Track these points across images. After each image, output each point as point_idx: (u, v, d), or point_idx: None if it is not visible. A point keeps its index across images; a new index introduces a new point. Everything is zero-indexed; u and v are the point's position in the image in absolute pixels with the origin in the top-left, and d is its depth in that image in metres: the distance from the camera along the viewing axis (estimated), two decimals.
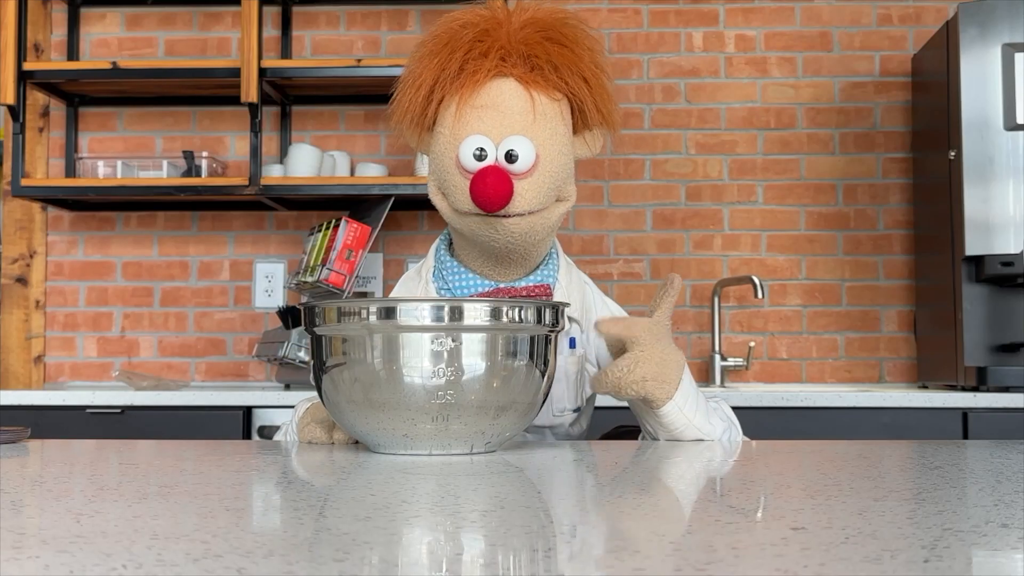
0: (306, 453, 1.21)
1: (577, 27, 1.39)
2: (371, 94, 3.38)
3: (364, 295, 3.31)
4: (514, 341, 1.12)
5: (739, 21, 3.42)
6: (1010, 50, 2.77)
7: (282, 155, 3.35)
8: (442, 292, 1.44)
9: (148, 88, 3.31)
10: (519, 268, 1.42)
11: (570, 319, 1.44)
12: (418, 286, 1.48)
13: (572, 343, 1.45)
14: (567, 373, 1.44)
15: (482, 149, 1.32)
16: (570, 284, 1.47)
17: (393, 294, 1.52)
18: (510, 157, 1.32)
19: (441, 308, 1.10)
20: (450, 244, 1.49)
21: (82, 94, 3.39)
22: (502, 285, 1.41)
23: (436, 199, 1.41)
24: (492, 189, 1.29)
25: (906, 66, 3.36)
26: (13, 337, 3.40)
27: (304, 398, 1.45)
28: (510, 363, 1.12)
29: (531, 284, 1.42)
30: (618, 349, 1.33)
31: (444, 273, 1.44)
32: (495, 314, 1.11)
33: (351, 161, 3.34)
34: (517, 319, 1.12)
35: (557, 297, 1.43)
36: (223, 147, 3.44)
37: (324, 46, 3.46)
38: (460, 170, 1.33)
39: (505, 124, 1.32)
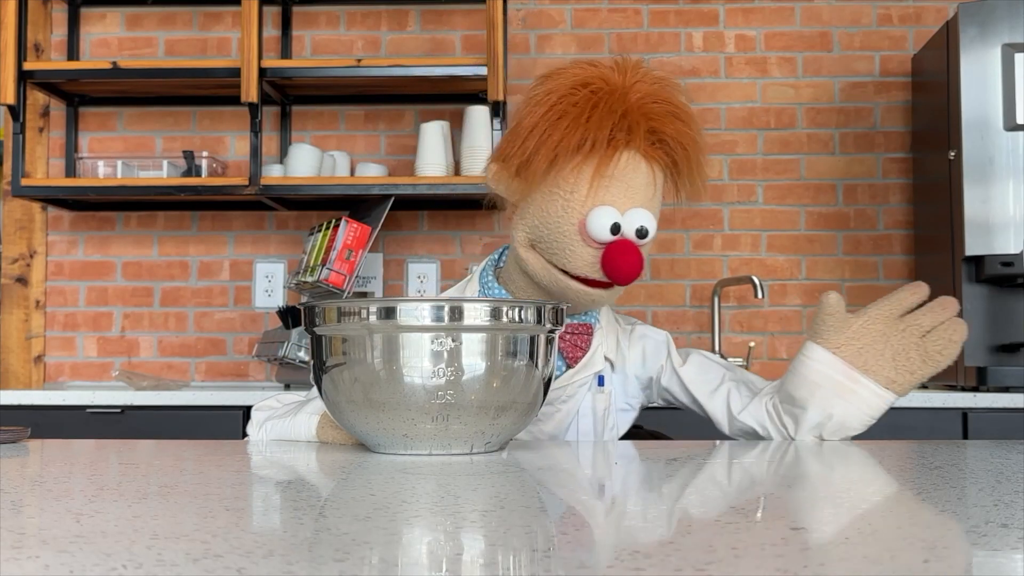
0: (306, 453, 1.21)
1: (686, 102, 1.43)
2: (371, 94, 3.38)
3: (364, 295, 3.31)
4: (514, 341, 1.12)
5: (739, 21, 3.42)
6: (1010, 50, 2.77)
7: (282, 155, 3.35)
8: None
9: (148, 88, 3.31)
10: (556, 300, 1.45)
11: (605, 358, 1.49)
12: None
13: (600, 380, 1.48)
14: (594, 410, 1.47)
15: (617, 224, 1.35)
16: (608, 325, 1.51)
17: None
18: (640, 233, 1.37)
19: (441, 308, 1.10)
20: (496, 272, 1.52)
21: (82, 94, 3.39)
22: None
23: (526, 252, 1.42)
24: (629, 266, 1.34)
25: (906, 66, 3.36)
26: (13, 337, 3.40)
27: (265, 399, 1.47)
28: (510, 363, 1.12)
29: (575, 323, 1.46)
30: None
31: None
32: (495, 314, 1.11)
33: (351, 161, 3.34)
34: (517, 319, 1.12)
35: (595, 338, 1.47)
36: (223, 147, 3.44)
37: (324, 46, 3.46)
38: (584, 238, 1.36)
39: (629, 196, 1.37)
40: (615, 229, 1.35)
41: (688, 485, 0.97)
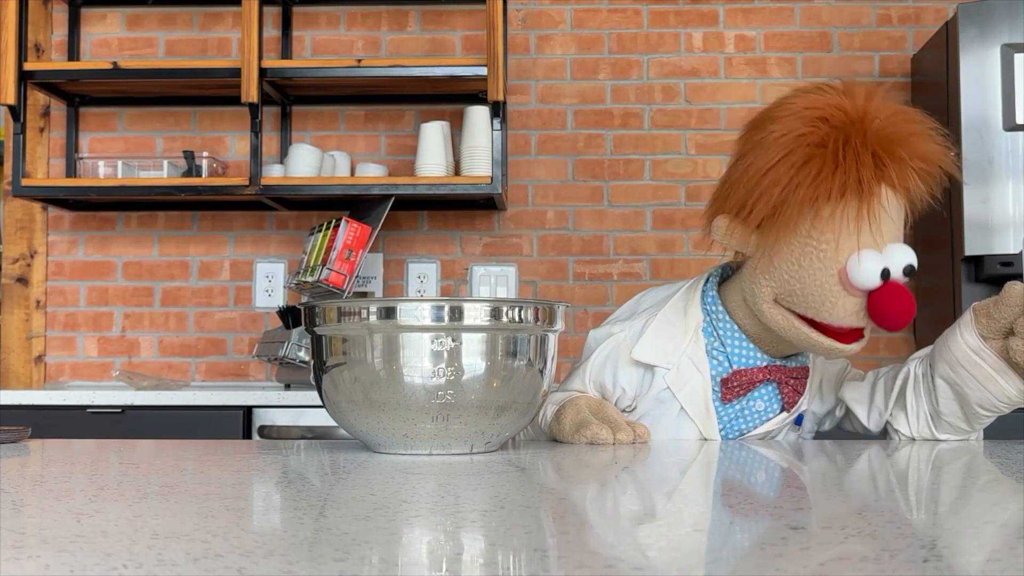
0: (306, 453, 1.21)
1: (925, 118, 1.32)
2: (371, 94, 3.38)
3: (364, 295, 3.31)
4: (514, 341, 1.12)
5: (739, 21, 3.42)
6: (1009, 50, 2.77)
7: (282, 155, 3.35)
8: (714, 351, 1.39)
9: (148, 88, 3.31)
10: (792, 348, 1.39)
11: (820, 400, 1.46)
12: (685, 335, 1.40)
13: (799, 420, 1.45)
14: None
15: (886, 269, 1.24)
16: (816, 361, 1.47)
17: (654, 326, 1.42)
18: (907, 271, 1.27)
19: (441, 308, 1.10)
20: (721, 294, 1.43)
21: (83, 94, 3.39)
22: (777, 363, 1.39)
23: (771, 308, 1.32)
24: (904, 313, 1.24)
25: (906, 66, 3.36)
26: (13, 337, 3.40)
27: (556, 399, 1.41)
28: (510, 363, 1.12)
29: (796, 367, 1.41)
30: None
31: (721, 334, 1.39)
32: (495, 314, 1.11)
33: (351, 161, 3.34)
34: (517, 319, 1.12)
35: (809, 380, 1.43)
36: (223, 147, 3.44)
37: (324, 46, 3.46)
38: (847, 287, 1.25)
39: (886, 233, 1.26)
40: (884, 275, 1.24)
41: (688, 485, 0.97)
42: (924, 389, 1.36)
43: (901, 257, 1.26)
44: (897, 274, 1.25)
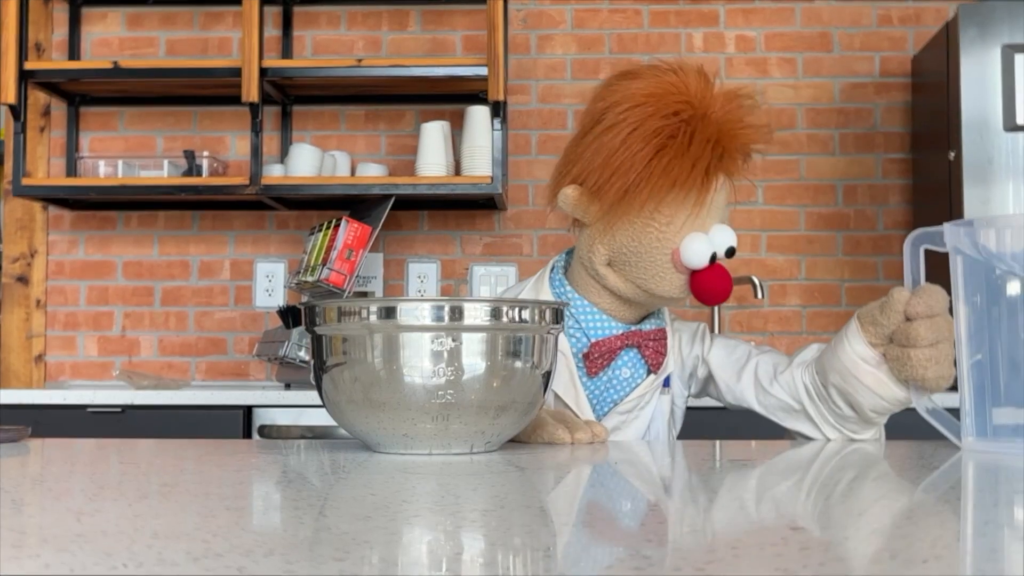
0: (307, 453, 1.21)
1: (757, 106, 1.44)
2: (372, 94, 3.38)
3: (364, 295, 3.31)
4: (514, 341, 1.12)
5: (739, 22, 3.42)
6: (1010, 51, 2.77)
7: (283, 155, 3.35)
8: (570, 329, 1.45)
9: (149, 88, 3.31)
10: (643, 309, 1.47)
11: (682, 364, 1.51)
12: None
13: (666, 382, 1.49)
14: (663, 413, 1.48)
15: (714, 253, 1.37)
16: (673, 323, 1.53)
17: None
18: (729, 253, 1.40)
19: (441, 308, 1.10)
20: (567, 276, 1.51)
21: (83, 94, 3.39)
22: (633, 328, 1.46)
23: (604, 269, 1.42)
24: (721, 291, 1.38)
25: (906, 67, 3.36)
26: (14, 336, 3.40)
27: None
28: (510, 363, 1.12)
29: (653, 329, 1.47)
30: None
31: (574, 312, 1.46)
32: (495, 314, 1.11)
33: (351, 161, 3.34)
34: (517, 319, 1.13)
35: (669, 341, 1.49)
36: (224, 147, 3.44)
37: (325, 46, 3.46)
38: (677, 265, 1.38)
39: (713, 216, 1.40)
40: (713, 257, 1.37)
41: (688, 485, 0.97)
42: (819, 396, 1.38)
43: (725, 240, 1.39)
44: (721, 255, 1.39)
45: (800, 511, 0.78)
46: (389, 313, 1.10)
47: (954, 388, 1.21)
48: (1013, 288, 1.14)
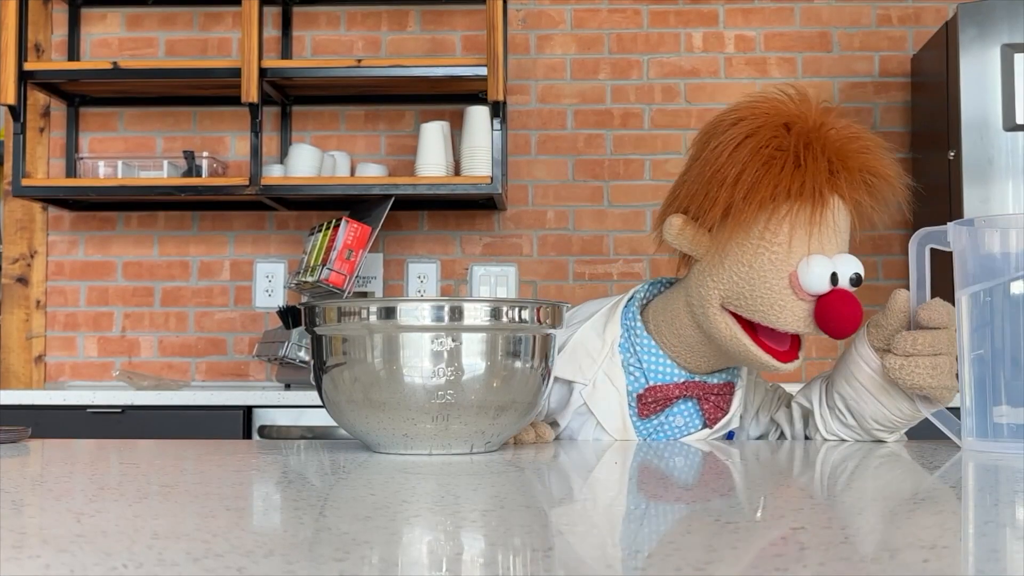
0: (307, 453, 1.21)
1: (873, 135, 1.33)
2: (371, 94, 3.38)
3: (364, 295, 3.31)
4: (514, 341, 1.12)
5: (739, 21, 3.42)
6: (1009, 50, 2.77)
7: (282, 155, 3.35)
8: (631, 366, 1.37)
9: (149, 88, 3.31)
10: (714, 362, 1.36)
11: (741, 417, 1.45)
12: (602, 351, 1.39)
13: (730, 435, 1.43)
14: None
15: (835, 273, 1.24)
16: (748, 379, 1.45)
17: (573, 341, 1.40)
18: (854, 281, 1.27)
19: (441, 308, 1.10)
20: (643, 312, 1.42)
21: (83, 94, 3.39)
22: (696, 379, 1.37)
23: (717, 314, 1.29)
24: (851, 317, 1.23)
25: (905, 66, 3.36)
26: (14, 337, 3.40)
27: None
28: (510, 363, 1.12)
29: (720, 383, 1.39)
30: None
31: (638, 350, 1.37)
32: (495, 314, 1.11)
33: (351, 161, 3.35)
34: (517, 319, 1.13)
35: (736, 398, 1.41)
36: (223, 147, 3.44)
37: (324, 46, 3.46)
38: (797, 291, 1.24)
39: (836, 242, 1.27)
40: (834, 279, 1.24)
41: (688, 484, 0.97)
42: (828, 405, 1.37)
43: (849, 266, 1.26)
44: (845, 281, 1.25)
45: (800, 511, 0.78)
46: (389, 313, 1.10)
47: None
48: (1015, 287, 1.13)
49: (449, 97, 3.35)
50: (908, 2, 3.40)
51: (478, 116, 3.12)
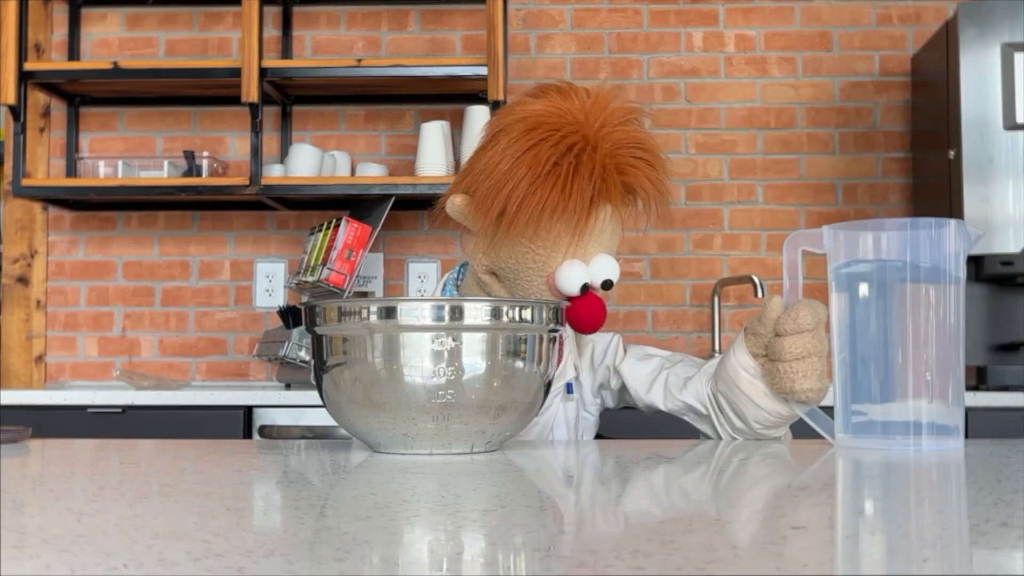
0: (307, 453, 1.21)
1: (652, 139, 1.42)
2: (371, 94, 3.38)
3: (364, 295, 3.31)
4: (514, 341, 1.13)
5: (739, 21, 3.42)
6: (1010, 50, 2.77)
7: (283, 155, 3.35)
8: None
9: (149, 88, 3.31)
10: None
11: (573, 366, 1.51)
12: None
13: (569, 388, 1.50)
14: (567, 419, 1.49)
15: (586, 284, 1.37)
16: (570, 331, 1.51)
17: None
18: (605, 286, 1.40)
19: (442, 308, 1.10)
20: (457, 288, 1.54)
21: (83, 94, 3.39)
22: None
23: (488, 277, 1.45)
24: (592, 320, 1.38)
25: (906, 66, 3.36)
26: (14, 337, 3.40)
27: None
28: (510, 363, 1.12)
29: None
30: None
31: None
32: (495, 314, 1.11)
33: (351, 161, 3.35)
34: (518, 319, 1.13)
35: (566, 346, 1.49)
36: (224, 147, 3.44)
37: (324, 46, 3.46)
38: (552, 289, 1.39)
39: (596, 246, 1.40)
40: (584, 288, 1.38)
41: (688, 484, 0.98)
42: (715, 406, 1.40)
43: (603, 271, 1.39)
44: (596, 286, 1.39)
45: (800, 510, 0.78)
46: (389, 313, 1.10)
47: None
48: (864, 289, 1.18)
49: (449, 97, 3.35)
50: (908, 1, 3.40)
51: (478, 116, 3.12)
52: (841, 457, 1.12)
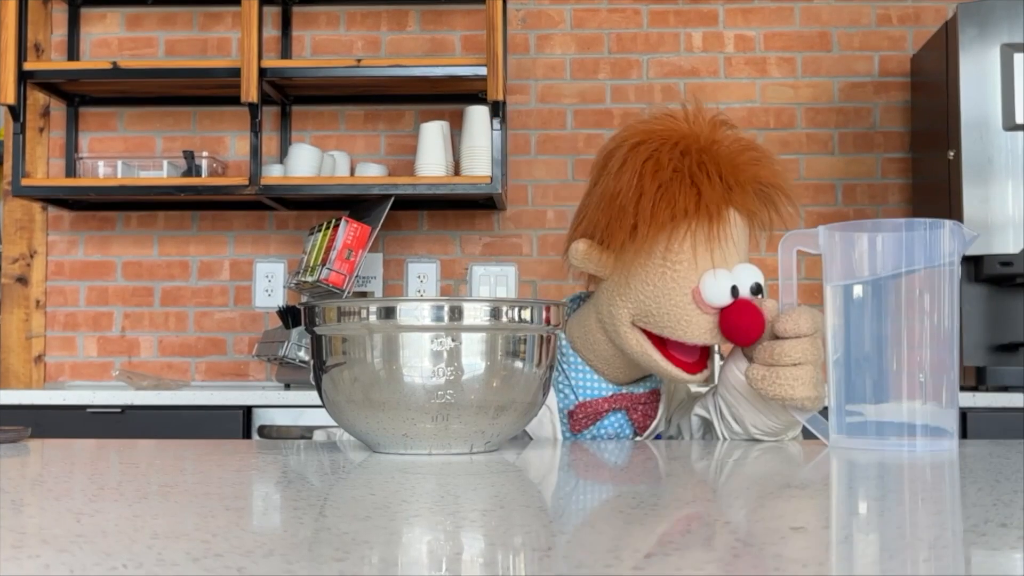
0: (307, 453, 1.21)
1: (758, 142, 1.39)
2: (371, 94, 3.38)
3: (364, 295, 3.31)
4: (514, 341, 1.13)
5: (738, 21, 3.42)
6: (1009, 50, 2.77)
7: (282, 155, 3.35)
8: (560, 384, 1.40)
9: (148, 88, 3.31)
10: (634, 372, 1.39)
11: (667, 422, 1.47)
12: None
13: (659, 437, 1.46)
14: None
15: (735, 286, 1.30)
16: (670, 386, 1.48)
17: None
18: (754, 290, 1.32)
19: (441, 308, 1.10)
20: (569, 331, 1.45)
21: (82, 94, 3.39)
22: (623, 391, 1.39)
23: (628, 331, 1.32)
24: (752, 326, 1.27)
25: (905, 66, 3.36)
26: (13, 337, 3.40)
27: None
28: (510, 363, 1.12)
29: (647, 392, 1.41)
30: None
31: (565, 367, 1.40)
32: (495, 314, 1.11)
33: (351, 161, 3.35)
34: (517, 319, 1.13)
35: (662, 403, 1.44)
36: (223, 147, 3.44)
37: (324, 46, 3.46)
38: (700, 305, 1.29)
39: (735, 254, 1.33)
40: (734, 292, 1.30)
41: (687, 484, 0.98)
42: (717, 412, 1.39)
43: (748, 276, 1.32)
44: (745, 291, 1.31)
45: (801, 511, 0.78)
46: (389, 313, 1.10)
47: None
48: (858, 290, 1.18)
49: (449, 97, 3.35)
50: (908, 2, 3.40)
51: (478, 116, 3.12)
52: (840, 457, 1.12)
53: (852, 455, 1.13)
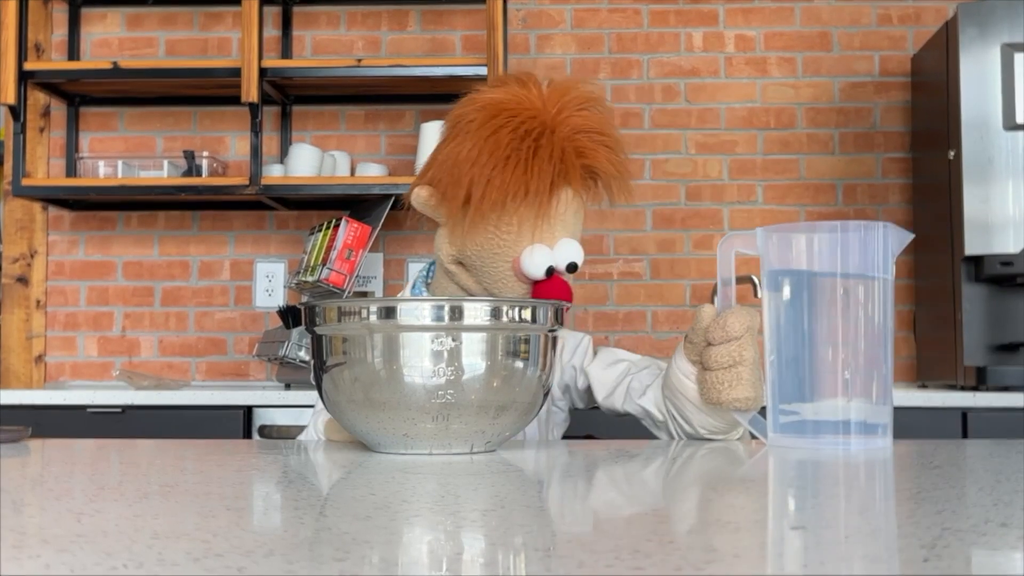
0: (307, 453, 1.21)
1: (613, 124, 1.46)
2: (371, 94, 3.38)
3: (364, 295, 3.31)
4: (514, 341, 1.13)
5: (739, 21, 3.42)
6: (1009, 50, 2.77)
7: (282, 155, 3.35)
8: None
9: (149, 88, 3.31)
10: None
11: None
12: None
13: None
14: (538, 415, 1.48)
15: (551, 267, 1.40)
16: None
17: None
18: (570, 268, 1.42)
19: (441, 308, 1.10)
20: (427, 287, 1.55)
21: (83, 94, 3.39)
22: None
23: (454, 267, 1.46)
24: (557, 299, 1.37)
25: (906, 66, 3.36)
26: (14, 337, 3.40)
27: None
28: (510, 363, 1.12)
29: None
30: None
31: None
32: (495, 314, 1.11)
33: (351, 161, 3.35)
34: (517, 319, 1.13)
35: None
36: (224, 147, 3.44)
37: (324, 46, 3.46)
38: (518, 274, 1.41)
39: (561, 230, 1.42)
40: (549, 271, 1.40)
41: (687, 485, 0.98)
42: (669, 416, 1.41)
43: (567, 254, 1.41)
44: (561, 269, 1.41)
45: (800, 511, 0.78)
46: (389, 313, 1.10)
47: None
48: (790, 290, 1.20)
49: (449, 97, 3.32)
50: (908, 2, 3.40)
51: None
52: (840, 458, 1.12)
53: (786, 453, 1.14)
